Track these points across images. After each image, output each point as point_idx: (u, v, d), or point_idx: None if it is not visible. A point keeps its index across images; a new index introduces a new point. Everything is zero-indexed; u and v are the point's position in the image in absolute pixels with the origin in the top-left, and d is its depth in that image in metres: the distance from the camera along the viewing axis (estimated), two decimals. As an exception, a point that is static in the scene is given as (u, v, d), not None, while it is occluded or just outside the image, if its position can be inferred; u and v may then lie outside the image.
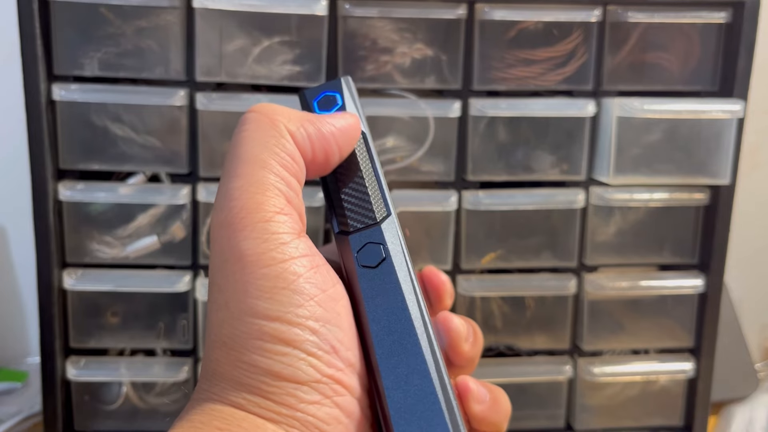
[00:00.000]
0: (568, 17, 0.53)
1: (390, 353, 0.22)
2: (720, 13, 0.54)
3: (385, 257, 0.24)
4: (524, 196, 0.55)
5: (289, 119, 0.25)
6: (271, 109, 0.25)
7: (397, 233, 0.25)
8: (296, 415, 0.21)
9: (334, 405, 0.22)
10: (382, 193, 0.26)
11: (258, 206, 0.23)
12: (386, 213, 0.25)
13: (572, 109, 0.54)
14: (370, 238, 0.25)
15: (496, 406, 0.26)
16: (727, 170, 0.54)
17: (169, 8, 0.51)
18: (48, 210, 0.52)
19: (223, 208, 0.23)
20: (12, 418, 0.63)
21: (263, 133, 0.24)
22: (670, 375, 0.60)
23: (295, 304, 0.22)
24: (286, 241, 0.22)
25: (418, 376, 0.22)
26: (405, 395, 0.21)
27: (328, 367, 0.22)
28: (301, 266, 0.22)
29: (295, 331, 0.21)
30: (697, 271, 0.58)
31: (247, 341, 0.22)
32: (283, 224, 0.23)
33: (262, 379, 0.21)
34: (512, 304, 0.58)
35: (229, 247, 0.23)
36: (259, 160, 0.24)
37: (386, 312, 0.23)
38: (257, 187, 0.23)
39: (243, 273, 0.22)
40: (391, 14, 0.52)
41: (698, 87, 0.56)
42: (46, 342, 0.53)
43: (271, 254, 0.22)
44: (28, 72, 0.50)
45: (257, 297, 0.22)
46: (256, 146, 0.24)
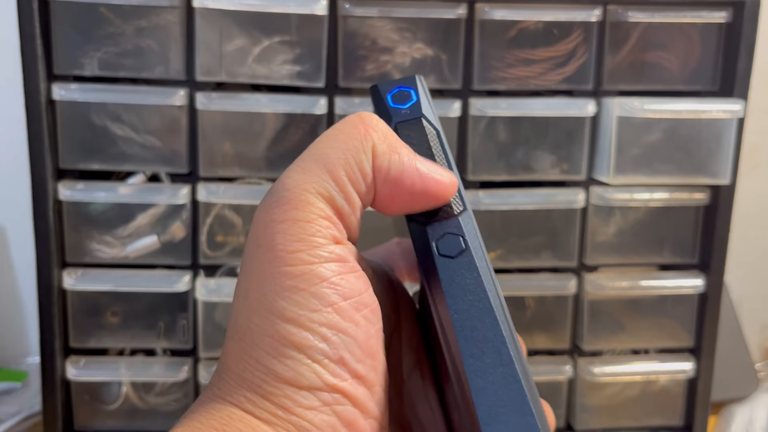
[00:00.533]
0: (568, 17, 0.53)
1: (473, 344, 0.22)
2: (720, 12, 0.54)
3: (465, 248, 0.24)
4: (524, 196, 0.55)
5: (381, 139, 0.24)
6: (371, 121, 0.24)
7: (474, 228, 0.24)
8: (291, 419, 0.21)
9: (333, 413, 0.21)
10: (459, 188, 0.25)
11: (304, 205, 0.22)
12: (463, 207, 0.25)
13: (572, 109, 0.54)
14: (448, 228, 0.24)
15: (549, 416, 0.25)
16: (727, 170, 0.54)
17: (169, 8, 0.51)
18: (48, 210, 0.52)
19: (273, 192, 0.23)
20: (12, 418, 0.63)
21: (348, 141, 0.24)
22: (670, 375, 0.59)
23: (312, 308, 0.21)
24: (320, 244, 0.22)
25: (502, 369, 0.21)
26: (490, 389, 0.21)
27: (332, 377, 0.22)
28: (328, 270, 0.22)
29: (305, 335, 0.21)
30: (697, 271, 0.58)
31: (258, 336, 0.22)
32: (324, 229, 0.22)
33: (264, 377, 0.21)
34: (512, 304, 0.58)
35: (265, 236, 0.22)
36: (329, 161, 0.23)
37: (467, 302, 0.23)
38: (312, 186, 0.23)
39: (270, 265, 0.22)
40: (391, 14, 0.52)
41: (698, 87, 0.56)
42: (46, 342, 0.53)
43: (301, 255, 0.22)
44: (28, 72, 0.50)
45: (276, 293, 0.22)
46: (334, 150, 0.23)
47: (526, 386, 0.21)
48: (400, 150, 0.24)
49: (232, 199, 0.53)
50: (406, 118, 0.27)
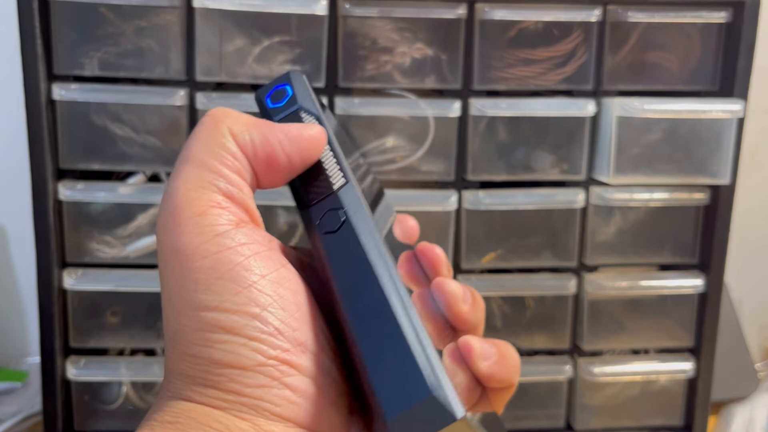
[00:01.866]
0: (568, 17, 0.53)
1: (358, 310, 0.22)
2: (720, 12, 0.54)
3: (345, 219, 0.24)
4: (524, 196, 0.55)
5: (234, 122, 0.25)
6: (220, 113, 0.25)
7: (358, 199, 0.25)
8: (242, 400, 0.21)
9: (284, 386, 0.22)
10: (339, 163, 0.26)
11: (191, 202, 0.23)
12: (344, 181, 0.25)
13: (572, 109, 0.54)
14: (329, 205, 0.25)
15: (503, 360, 0.25)
16: (727, 170, 0.54)
17: (169, 8, 0.51)
18: (48, 210, 0.52)
19: (162, 208, 0.24)
20: (12, 418, 0.63)
21: (206, 135, 0.25)
22: (670, 375, 0.60)
23: (232, 291, 0.22)
24: (219, 232, 0.23)
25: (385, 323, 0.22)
26: (376, 345, 0.21)
27: (272, 349, 0.22)
28: (238, 254, 0.22)
29: (233, 318, 0.22)
30: (697, 271, 0.58)
31: (190, 333, 0.22)
32: (218, 217, 0.23)
33: (206, 368, 0.22)
34: (512, 304, 0.58)
35: (167, 245, 0.23)
36: (197, 159, 0.24)
37: (350, 269, 0.23)
38: (192, 184, 0.23)
39: (181, 268, 0.22)
40: (391, 14, 0.52)
41: (698, 87, 0.56)
42: (46, 342, 0.53)
43: (205, 246, 0.22)
44: (28, 72, 0.50)
45: (194, 290, 0.22)
46: (197, 146, 0.24)
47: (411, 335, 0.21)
48: (258, 124, 0.25)
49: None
50: (285, 113, 0.27)
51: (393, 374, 0.21)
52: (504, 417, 0.26)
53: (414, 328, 0.22)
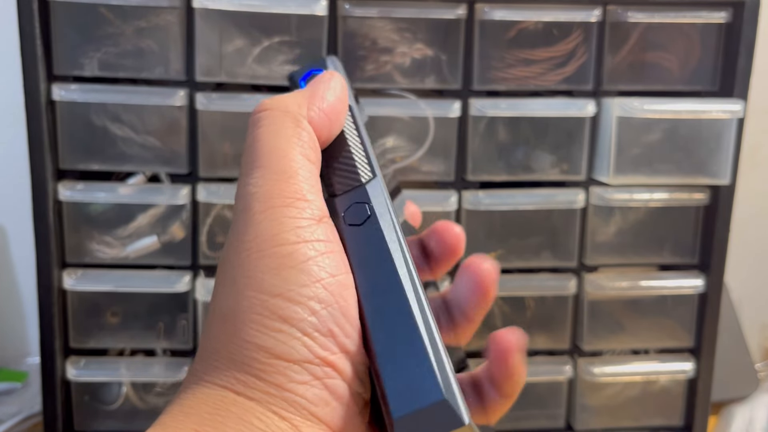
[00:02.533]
0: (568, 17, 0.53)
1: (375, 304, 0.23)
2: (720, 12, 0.54)
3: (370, 215, 0.25)
4: (524, 196, 0.55)
5: (300, 105, 0.26)
6: (281, 102, 0.26)
7: (383, 195, 0.25)
8: (284, 395, 0.21)
9: (324, 387, 0.22)
10: (368, 157, 0.26)
11: (279, 192, 0.23)
12: (372, 175, 0.26)
13: (572, 109, 0.54)
14: (355, 198, 0.25)
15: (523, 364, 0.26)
16: (727, 170, 0.54)
17: (169, 8, 0.51)
18: (48, 210, 0.52)
19: (242, 196, 0.24)
20: (12, 418, 0.63)
21: (280, 125, 0.25)
22: (670, 375, 0.60)
23: (300, 283, 0.22)
24: (302, 225, 0.23)
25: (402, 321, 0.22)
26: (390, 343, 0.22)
27: (322, 350, 0.22)
28: (313, 250, 0.23)
29: (294, 309, 0.22)
30: (697, 271, 0.58)
31: (247, 315, 0.22)
32: (302, 210, 0.23)
33: (255, 355, 0.22)
34: (512, 304, 0.58)
35: (245, 229, 0.23)
36: (279, 150, 0.24)
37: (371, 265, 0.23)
38: (279, 174, 0.24)
39: (256, 251, 0.22)
40: (391, 14, 0.52)
41: (698, 87, 0.56)
42: (46, 342, 0.53)
43: (285, 235, 0.22)
44: (28, 72, 0.50)
45: (265, 272, 0.22)
46: (275, 139, 0.25)
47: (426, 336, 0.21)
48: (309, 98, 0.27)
49: (232, 200, 0.53)
50: None
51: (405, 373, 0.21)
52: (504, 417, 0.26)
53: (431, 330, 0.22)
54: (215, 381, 0.22)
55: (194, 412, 0.21)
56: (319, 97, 0.27)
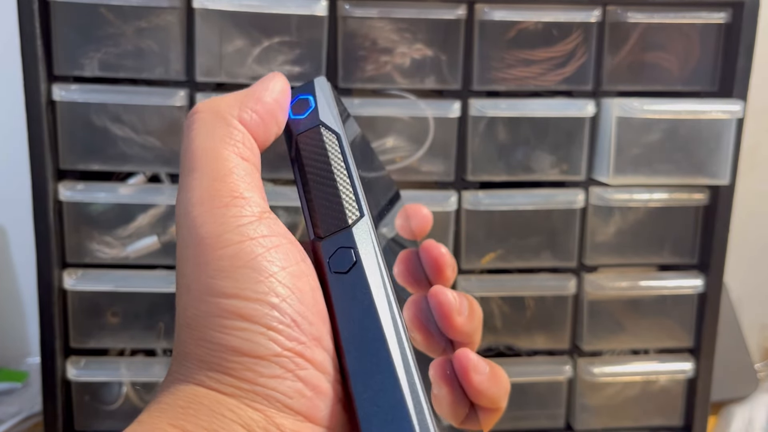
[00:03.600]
0: (567, 17, 0.53)
1: (360, 358, 0.22)
2: (719, 13, 0.54)
3: (356, 261, 0.24)
4: (524, 196, 0.55)
5: (231, 106, 0.26)
6: (212, 103, 0.26)
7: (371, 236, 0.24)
8: (256, 389, 0.21)
9: (297, 378, 0.22)
10: (356, 194, 0.25)
11: (215, 193, 0.23)
12: (359, 215, 0.25)
13: (572, 110, 0.54)
14: (341, 242, 0.24)
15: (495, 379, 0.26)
16: (726, 170, 0.55)
17: (169, 8, 0.51)
18: (48, 210, 0.52)
19: (180, 201, 0.24)
20: (12, 418, 0.63)
21: (212, 127, 0.25)
22: (670, 375, 0.60)
23: (253, 280, 0.22)
24: (243, 223, 0.23)
25: (387, 382, 0.21)
26: (374, 402, 0.21)
27: (288, 341, 0.22)
28: (259, 246, 0.23)
29: (253, 306, 0.22)
30: (696, 271, 0.58)
31: (208, 319, 0.22)
32: (241, 208, 0.23)
33: (222, 355, 0.22)
34: (512, 304, 0.58)
35: (189, 235, 0.23)
36: (212, 150, 0.24)
37: (355, 318, 0.23)
38: (213, 175, 0.24)
39: (203, 256, 0.23)
40: (391, 14, 0.52)
41: (698, 87, 0.56)
42: (46, 342, 0.53)
43: (228, 236, 0.23)
44: (28, 72, 0.50)
45: (215, 276, 0.22)
46: (207, 140, 0.25)
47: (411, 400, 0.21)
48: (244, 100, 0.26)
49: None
50: (305, 128, 0.27)
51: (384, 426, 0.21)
52: (504, 417, 0.26)
53: (416, 393, 0.21)
54: (189, 379, 0.22)
55: (169, 408, 0.21)
56: (254, 98, 0.26)
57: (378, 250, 0.24)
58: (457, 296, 0.27)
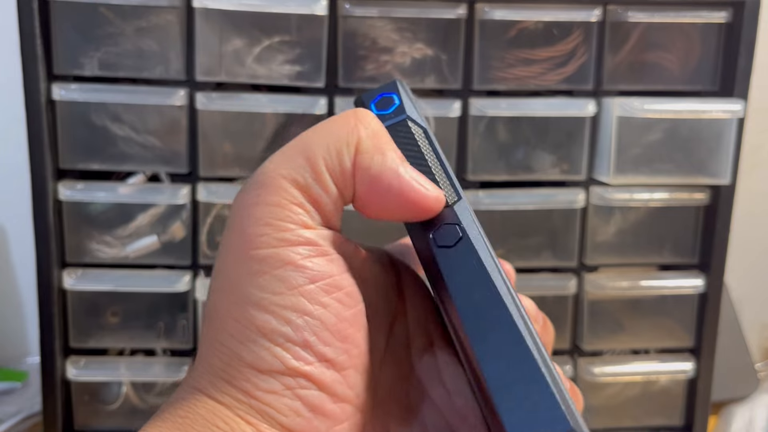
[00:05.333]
0: (568, 17, 0.53)
1: (479, 328, 0.21)
2: (720, 12, 0.54)
3: (462, 236, 0.24)
4: (524, 196, 0.55)
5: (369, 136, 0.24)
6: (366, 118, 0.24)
7: (471, 216, 0.24)
8: (252, 402, 0.21)
9: (296, 397, 0.21)
10: (450, 179, 0.25)
11: (279, 189, 0.22)
12: (457, 197, 0.25)
13: (572, 109, 0.54)
14: (444, 219, 0.24)
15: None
16: (727, 170, 0.54)
17: (169, 8, 0.51)
18: (48, 210, 0.52)
19: (251, 177, 0.23)
20: (12, 418, 0.63)
21: (335, 129, 0.24)
22: (670, 375, 0.59)
23: (275, 291, 0.21)
24: (288, 228, 0.22)
25: (513, 345, 0.21)
26: (502, 368, 0.20)
27: (294, 360, 0.21)
28: (294, 253, 0.22)
29: (266, 318, 0.21)
30: (697, 271, 0.58)
31: (226, 320, 0.22)
32: (295, 215, 0.22)
33: (229, 362, 0.21)
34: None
35: (236, 219, 0.23)
36: (309, 149, 0.23)
37: (470, 288, 0.22)
38: (289, 172, 0.23)
39: (239, 249, 0.22)
40: (391, 14, 0.51)
41: (698, 87, 0.56)
42: (46, 342, 0.53)
43: (267, 238, 0.22)
44: (28, 72, 0.50)
45: (243, 277, 0.22)
46: (318, 137, 0.23)
47: (540, 361, 0.20)
48: (386, 151, 0.23)
49: (232, 199, 0.53)
50: (392, 121, 0.27)
51: (525, 401, 0.20)
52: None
53: (542, 354, 0.21)
54: (194, 384, 0.22)
55: (170, 417, 0.21)
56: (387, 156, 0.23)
57: (480, 228, 0.24)
58: (533, 306, 0.27)
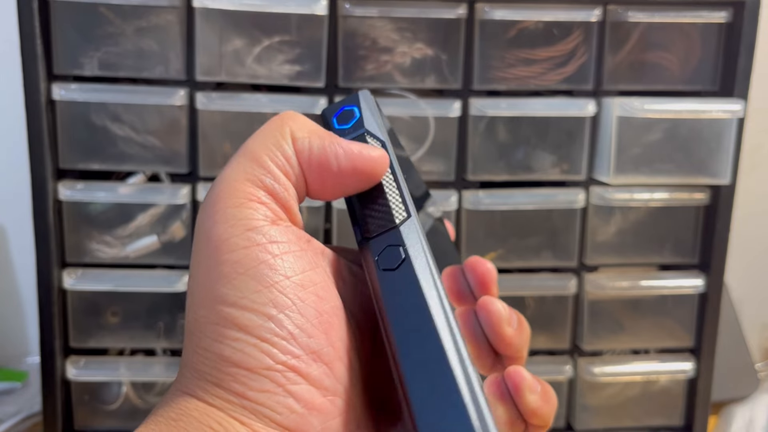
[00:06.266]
0: (568, 17, 0.53)
1: (411, 352, 0.22)
2: (720, 12, 0.54)
3: (405, 258, 0.24)
4: (524, 196, 0.55)
5: (299, 126, 0.25)
6: (288, 115, 0.25)
7: (418, 234, 0.25)
8: (244, 403, 0.21)
9: (288, 394, 0.21)
10: (402, 196, 0.26)
11: (233, 192, 0.23)
12: (406, 215, 0.25)
13: (572, 109, 0.54)
14: (389, 241, 0.24)
15: (546, 397, 0.25)
16: (727, 170, 0.54)
17: (169, 8, 0.51)
18: (48, 210, 0.52)
19: (207, 195, 0.24)
20: (12, 417, 0.63)
21: (267, 132, 0.25)
22: (670, 375, 0.59)
23: (252, 289, 0.21)
24: (252, 227, 0.22)
25: (440, 372, 0.21)
26: (428, 393, 0.21)
27: (282, 354, 0.21)
28: (266, 252, 0.22)
29: (248, 317, 0.21)
30: (697, 271, 0.58)
31: (205, 326, 0.22)
32: (254, 211, 0.23)
33: (215, 365, 0.21)
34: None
35: (201, 232, 0.23)
36: (252, 152, 0.24)
37: (406, 311, 0.23)
38: (238, 174, 0.23)
39: (209, 258, 0.22)
40: (391, 14, 0.51)
41: (699, 87, 0.56)
42: (46, 342, 0.53)
43: (235, 240, 0.22)
44: (28, 72, 0.50)
45: (217, 282, 0.22)
46: (255, 142, 0.25)
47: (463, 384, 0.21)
48: (321, 134, 0.25)
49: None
50: (351, 136, 0.27)
51: (442, 424, 0.20)
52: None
53: (469, 381, 0.21)
54: (183, 389, 0.22)
55: (162, 419, 0.21)
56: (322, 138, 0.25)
57: (426, 249, 0.24)
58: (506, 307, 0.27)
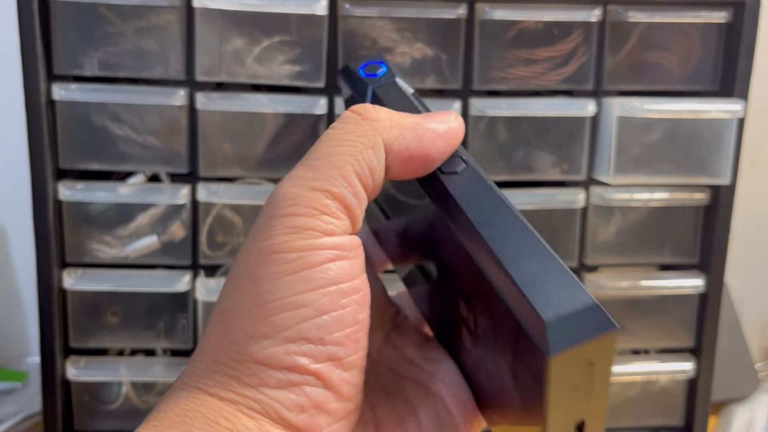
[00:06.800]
0: (568, 17, 0.53)
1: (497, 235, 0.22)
2: (720, 12, 0.54)
3: (467, 164, 0.25)
4: (525, 196, 0.55)
5: (387, 126, 0.25)
6: (372, 113, 0.25)
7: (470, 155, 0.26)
8: (257, 396, 0.21)
9: (303, 393, 0.21)
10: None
11: (311, 201, 0.23)
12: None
13: (572, 109, 0.54)
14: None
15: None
16: (727, 170, 0.54)
17: (169, 8, 0.51)
18: (48, 210, 0.52)
19: (282, 185, 0.23)
20: (12, 418, 0.63)
21: (355, 136, 0.24)
22: (670, 375, 0.59)
23: (296, 291, 0.22)
24: (316, 236, 0.22)
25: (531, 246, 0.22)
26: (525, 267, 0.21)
27: (306, 358, 0.21)
28: (320, 257, 0.22)
29: (284, 316, 0.21)
30: (697, 271, 0.58)
31: (240, 318, 0.22)
32: (325, 224, 0.23)
33: (236, 357, 0.21)
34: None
35: (263, 229, 0.23)
36: (337, 158, 0.23)
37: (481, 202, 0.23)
38: (321, 183, 0.23)
39: (263, 253, 0.22)
40: (391, 14, 0.51)
41: (699, 87, 0.56)
42: (46, 342, 0.53)
43: (295, 244, 0.22)
44: (28, 72, 0.50)
45: (265, 278, 0.22)
46: (343, 145, 0.24)
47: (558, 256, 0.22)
48: (406, 122, 0.25)
49: (232, 199, 0.53)
50: (382, 83, 0.28)
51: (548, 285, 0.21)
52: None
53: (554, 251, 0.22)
54: (193, 383, 0.22)
55: (167, 416, 0.21)
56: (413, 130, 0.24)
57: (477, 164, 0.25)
58: None
